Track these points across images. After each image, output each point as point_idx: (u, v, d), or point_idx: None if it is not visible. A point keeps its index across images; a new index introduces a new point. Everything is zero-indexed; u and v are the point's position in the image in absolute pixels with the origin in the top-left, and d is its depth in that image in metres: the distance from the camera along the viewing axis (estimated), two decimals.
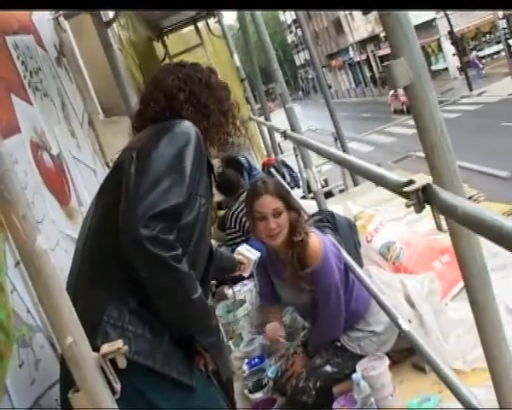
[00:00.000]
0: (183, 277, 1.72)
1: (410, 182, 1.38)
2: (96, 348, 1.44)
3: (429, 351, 2.00)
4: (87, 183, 3.16)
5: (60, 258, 2.33)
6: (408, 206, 1.36)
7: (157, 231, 1.65)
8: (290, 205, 3.00)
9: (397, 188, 1.41)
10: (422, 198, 1.32)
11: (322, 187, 10.28)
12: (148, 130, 1.98)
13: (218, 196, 6.45)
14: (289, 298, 3.31)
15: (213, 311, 1.94)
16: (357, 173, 2.15)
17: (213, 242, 7.03)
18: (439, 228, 1.35)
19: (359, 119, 35.44)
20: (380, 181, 1.60)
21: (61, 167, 2.81)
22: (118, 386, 1.39)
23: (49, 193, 2.51)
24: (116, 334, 1.62)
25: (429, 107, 1.30)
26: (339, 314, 3.04)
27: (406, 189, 1.35)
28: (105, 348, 1.39)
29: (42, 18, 3.34)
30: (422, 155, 1.37)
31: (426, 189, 1.31)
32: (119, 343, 1.40)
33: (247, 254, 3.03)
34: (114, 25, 6.66)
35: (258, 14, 4.17)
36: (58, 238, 2.41)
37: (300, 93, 79.89)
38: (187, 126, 1.91)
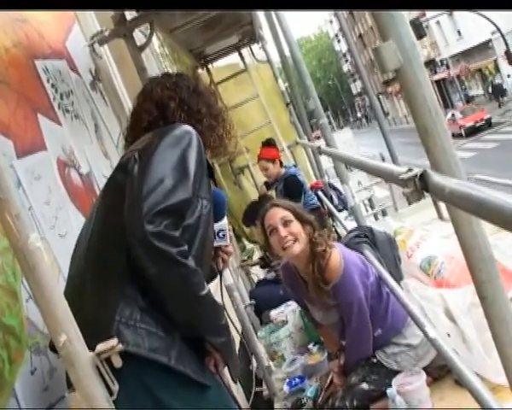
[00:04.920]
0: (190, 272, 1.71)
1: (409, 170, 1.33)
2: None
3: (455, 358, 1.91)
4: None
5: None
6: (405, 194, 1.31)
7: (163, 226, 1.65)
8: (301, 217, 2.97)
9: (395, 177, 1.36)
10: (420, 185, 1.27)
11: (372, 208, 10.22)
12: (147, 134, 1.99)
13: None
14: (321, 320, 3.26)
15: (222, 310, 1.90)
16: (362, 170, 2.11)
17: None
18: (440, 216, 1.29)
19: (417, 144, 34.51)
20: (380, 173, 1.55)
21: (91, 186, 2.86)
22: (115, 387, 1.37)
23: (75, 209, 2.55)
24: (129, 332, 1.61)
25: (421, 89, 1.25)
26: (363, 331, 2.96)
27: (402, 176, 1.30)
28: (99, 346, 1.38)
29: (76, 45, 3.43)
30: (482, 177, 1.32)
31: (423, 176, 1.26)
32: (114, 342, 1.39)
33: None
34: (161, 58, 6.87)
35: (290, 30, 4.17)
36: None
37: (364, 120, 79.42)
38: (187, 128, 1.93)
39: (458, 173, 1.26)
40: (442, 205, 3.84)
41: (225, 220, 2.19)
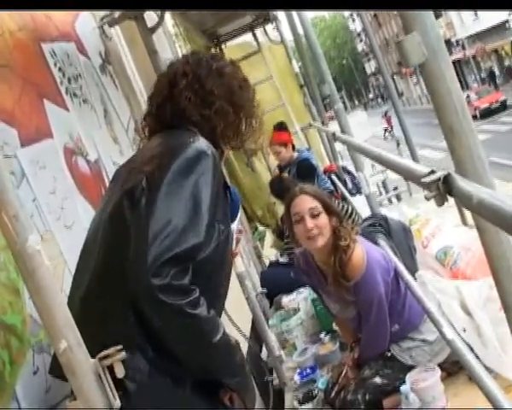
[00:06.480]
0: (200, 322, 1.56)
1: (432, 172, 1.25)
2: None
3: (473, 362, 1.83)
4: None
5: None
6: (428, 198, 1.22)
7: (170, 278, 1.48)
8: (329, 208, 2.88)
9: (417, 179, 1.27)
10: (444, 189, 1.18)
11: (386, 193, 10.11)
12: (157, 144, 1.82)
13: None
14: (337, 312, 3.20)
15: (238, 347, 1.76)
16: (383, 165, 2.00)
17: (273, 251, 6.98)
18: (464, 222, 1.21)
19: (432, 125, 34.54)
20: (400, 171, 1.47)
21: (99, 173, 2.78)
22: (117, 401, 1.30)
23: (82, 198, 2.48)
24: (135, 388, 1.49)
25: (447, 85, 1.16)
26: (380, 329, 2.90)
27: (425, 179, 1.21)
28: (102, 353, 1.31)
29: (85, 26, 3.34)
30: (497, 160, 1.23)
31: (447, 179, 1.18)
32: (118, 347, 1.32)
33: None
34: (174, 38, 6.76)
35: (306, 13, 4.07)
36: None
37: (380, 100, 78.53)
38: (201, 147, 1.71)
39: (486, 177, 1.17)
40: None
41: (234, 225, 2.04)
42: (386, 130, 36.87)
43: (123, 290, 1.53)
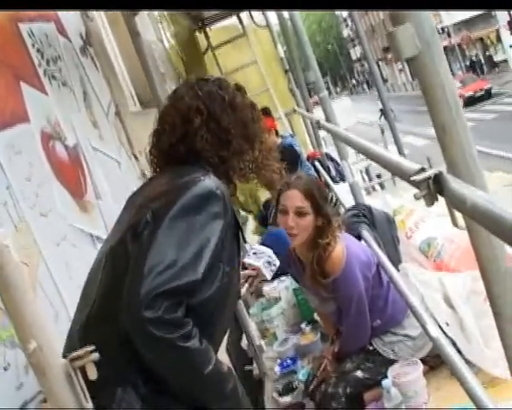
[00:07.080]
0: (193, 355, 1.53)
1: (422, 170, 1.19)
2: None
3: (457, 360, 1.79)
4: (109, 175, 3.05)
5: (66, 252, 2.24)
6: (417, 198, 1.17)
7: (162, 311, 1.45)
8: (318, 208, 2.81)
9: (406, 176, 1.22)
10: (434, 189, 1.13)
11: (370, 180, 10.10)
12: (167, 180, 1.77)
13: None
14: (316, 307, 3.18)
15: (230, 374, 1.70)
16: (371, 159, 1.94)
17: (256, 237, 6.93)
18: (455, 224, 1.16)
19: (416, 112, 34.67)
20: (388, 166, 1.41)
21: (77, 159, 2.71)
22: (89, 404, 1.24)
23: (59, 185, 2.41)
24: None
25: (440, 81, 1.11)
26: (361, 324, 2.87)
27: (414, 177, 1.16)
28: (74, 353, 1.25)
29: None
30: (481, 148, 1.18)
31: (438, 178, 1.13)
32: (90, 348, 1.26)
33: (253, 262, 2.65)
34: (158, 17, 6.65)
35: None
36: (66, 232, 2.30)
37: (365, 86, 78.38)
38: (210, 189, 1.67)
39: (478, 179, 1.12)
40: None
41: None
42: (382, 111, 36.62)
43: (120, 322, 1.50)
